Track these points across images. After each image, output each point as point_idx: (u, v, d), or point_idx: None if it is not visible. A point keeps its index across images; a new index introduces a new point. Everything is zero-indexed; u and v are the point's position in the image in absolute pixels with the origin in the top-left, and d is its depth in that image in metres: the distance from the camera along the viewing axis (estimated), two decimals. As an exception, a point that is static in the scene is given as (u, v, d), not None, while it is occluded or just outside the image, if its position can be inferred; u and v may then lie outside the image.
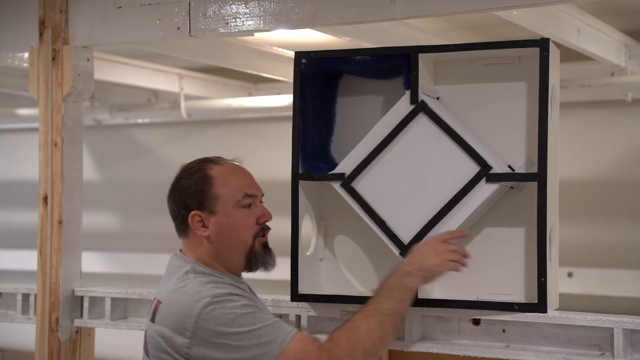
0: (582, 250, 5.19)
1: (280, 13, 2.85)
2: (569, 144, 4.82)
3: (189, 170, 2.31)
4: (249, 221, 2.28)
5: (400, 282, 2.28)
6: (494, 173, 2.49)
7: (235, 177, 2.30)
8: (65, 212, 3.18)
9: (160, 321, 2.20)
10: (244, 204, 2.28)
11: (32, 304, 3.31)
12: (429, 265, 2.31)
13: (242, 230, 2.27)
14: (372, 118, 2.68)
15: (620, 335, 2.40)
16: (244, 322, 2.12)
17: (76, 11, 3.19)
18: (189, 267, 2.25)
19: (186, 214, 2.28)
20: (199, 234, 2.27)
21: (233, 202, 2.27)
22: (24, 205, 6.91)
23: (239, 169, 2.35)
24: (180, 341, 2.14)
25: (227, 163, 2.34)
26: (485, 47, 2.56)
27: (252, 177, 2.35)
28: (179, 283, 2.22)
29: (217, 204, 2.26)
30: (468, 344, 2.60)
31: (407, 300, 2.28)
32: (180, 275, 2.24)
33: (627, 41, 4.55)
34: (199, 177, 2.28)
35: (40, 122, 3.22)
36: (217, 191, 2.26)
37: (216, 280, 2.23)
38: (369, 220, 2.60)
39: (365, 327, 2.20)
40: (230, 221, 2.26)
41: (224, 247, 2.27)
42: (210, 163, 2.31)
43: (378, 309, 2.24)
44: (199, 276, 2.23)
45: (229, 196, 2.27)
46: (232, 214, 2.27)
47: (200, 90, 5.86)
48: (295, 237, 2.65)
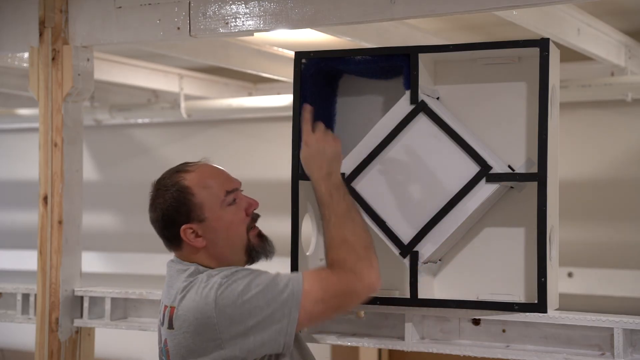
0: (582, 250, 5.19)
1: (280, 13, 2.85)
2: (569, 144, 4.82)
3: (164, 187, 2.30)
4: (239, 216, 2.29)
5: (330, 185, 2.35)
6: (494, 173, 2.49)
7: (210, 179, 2.30)
8: (65, 212, 3.18)
9: (180, 325, 2.19)
10: (228, 202, 2.28)
11: (32, 304, 3.31)
12: (327, 154, 2.39)
13: (236, 227, 2.29)
14: (372, 118, 2.68)
15: (620, 335, 2.40)
16: (259, 282, 2.16)
17: (76, 11, 3.19)
18: (193, 268, 2.26)
19: (176, 230, 2.26)
20: (195, 245, 2.27)
21: (218, 203, 2.27)
22: (24, 205, 6.91)
23: (211, 169, 2.34)
24: (209, 332, 2.14)
25: (197, 168, 2.32)
26: (485, 47, 2.56)
27: (225, 172, 2.35)
28: (186, 282, 2.23)
29: (203, 211, 2.25)
30: (468, 344, 2.60)
31: (346, 193, 2.36)
32: (185, 277, 2.24)
33: (627, 41, 4.55)
34: (175, 192, 2.27)
35: (40, 122, 3.22)
36: (199, 199, 2.25)
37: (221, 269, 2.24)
38: (369, 220, 2.60)
39: (347, 232, 2.28)
40: (222, 223, 2.27)
41: (223, 249, 2.28)
42: (181, 173, 2.30)
43: (339, 213, 2.30)
44: (205, 270, 2.24)
45: (212, 199, 2.26)
46: (222, 215, 2.27)
47: (200, 90, 5.86)
48: (295, 237, 2.65)
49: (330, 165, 2.38)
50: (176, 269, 2.29)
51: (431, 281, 2.64)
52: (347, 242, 2.26)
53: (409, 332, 2.62)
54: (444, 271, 2.66)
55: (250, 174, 6.07)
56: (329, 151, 2.41)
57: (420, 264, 2.54)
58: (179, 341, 2.19)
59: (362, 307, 2.68)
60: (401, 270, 2.65)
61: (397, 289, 2.70)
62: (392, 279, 2.71)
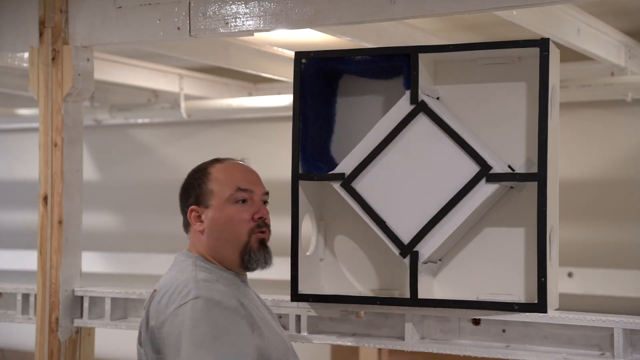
0: (582, 250, 5.19)
1: (280, 13, 2.85)
2: (569, 144, 4.82)
3: (195, 169, 2.36)
4: (243, 216, 2.28)
5: None
6: (494, 173, 2.49)
7: (231, 172, 2.32)
8: (65, 212, 3.18)
9: (153, 305, 2.20)
10: (237, 198, 2.28)
11: (32, 304, 3.31)
12: None
13: (235, 224, 2.27)
14: (372, 118, 2.68)
15: (620, 335, 2.41)
16: (203, 342, 2.06)
17: (76, 11, 3.19)
18: (191, 261, 2.27)
19: (186, 209, 2.32)
20: (195, 228, 2.30)
21: (226, 196, 2.27)
22: (24, 205, 6.91)
23: (240, 166, 2.36)
24: (156, 346, 2.15)
25: (230, 161, 2.36)
26: (485, 47, 2.56)
27: (252, 175, 2.35)
28: (176, 269, 2.25)
29: (211, 198, 2.28)
30: (468, 344, 2.60)
31: None
32: (181, 267, 2.26)
33: (627, 41, 4.55)
34: (199, 175, 2.32)
35: (40, 122, 3.22)
36: (211, 186, 2.29)
37: (209, 282, 2.19)
38: (369, 220, 2.60)
39: None
40: (222, 215, 2.27)
41: (218, 241, 2.28)
42: (215, 162, 2.35)
43: None
44: (199, 269, 2.24)
45: (221, 190, 2.28)
46: (225, 208, 2.27)
47: (200, 90, 5.86)
48: (295, 237, 2.65)
49: None
50: (179, 259, 2.31)
51: (431, 281, 2.64)
52: None
53: (409, 332, 2.62)
54: (444, 271, 2.66)
55: (250, 174, 6.06)
56: None
57: (420, 264, 2.54)
58: (144, 323, 2.24)
59: (362, 307, 2.68)
60: (401, 270, 2.65)
61: (397, 289, 2.70)
62: (392, 279, 2.71)
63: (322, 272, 2.77)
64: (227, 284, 2.23)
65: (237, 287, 2.26)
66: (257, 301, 2.35)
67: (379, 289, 2.73)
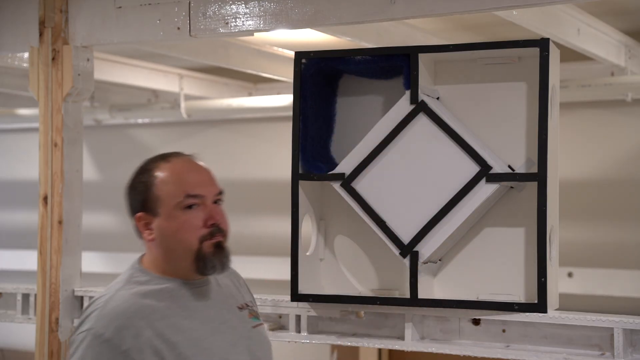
0: (582, 250, 5.19)
1: (280, 13, 2.85)
2: (569, 144, 4.82)
3: (141, 169, 2.17)
4: (193, 223, 2.09)
5: None
6: (494, 173, 2.49)
7: (178, 175, 2.11)
8: (65, 212, 3.18)
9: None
10: (185, 205, 2.08)
11: (32, 304, 3.31)
12: None
13: (185, 233, 2.09)
14: (372, 118, 2.68)
15: (620, 335, 2.40)
16: None
17: (76, 11, 3.19)
18: (128, 274, 2.16)
19: (133, 214, 2.15)
20: (145, 237, 2.13)
21: (174, 203, 2.09)
22: (24, 205, 6.91)
23: (188, 166, 2.15)
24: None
25: (177, 161, 2.15)
26: (485, 47, 2.56)
27: (202, 175, 2.14)
28: (107, 289, 2.15)
29: (158, 205, 2.10)
30: (468, 344, 2.60)
31: None
32: (115, 283, 2.15)
33: (627, 41, 4.55)
34: (145, 177, 2.14)
35: (40, 122, 3.22)
36: (158, 192, 2.10)
37: (125, 303, 2.06)
38: (369, 220, 2.60)
39: None
40: (171, 224, 2.09)
41: (169, 251, 2.11)
42: (161, 161, 2.15)
43: None
44: (129, 284, 2.12)
45: (169, 197, 2.09)
46: (174, 216, 2.09)
47: (200, 90, 5.86)
48: (295, 237, 2.65)
49: None
50: (120, 277, 2.19)
51: (431, 281, 2.64)
52: None
53: (409, 332, 2.62)
54: (444, 271, 2.66)
55: (250, 174, 6.07)
56: None
57: (420, 264, 2.54)
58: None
59: (362, 307, 2.68)
60: (401, 270, 2.65)
61: (397, 289, 2.70)
62: (392, 279, 2.71)
63: (322, 272, 2.77)
64: (162, 299, 2.07)
65: (177, 300, 2.09)
66: (211, 309, 2.15)
67: (379, 289, 2.73)
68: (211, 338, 2.09)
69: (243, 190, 5.87)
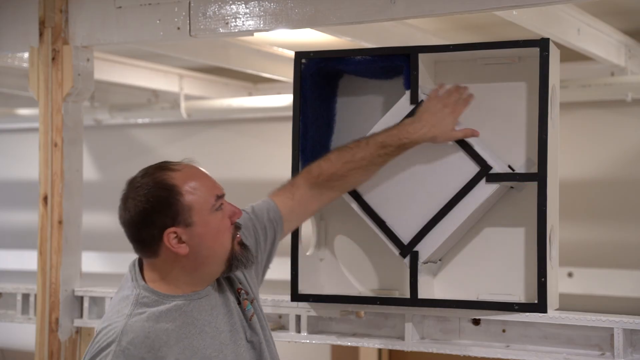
0: (582, 250, 5.19)
1: (280, 13, 2.85)
2: (569, 144, 4.82)
3: (144, 185, 2.05)
4: (225, 223, 2.08)
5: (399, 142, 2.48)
6: (494, 173, 2.49)
7: (200, 180, 2.07)
8: (65, 212, 3.18)
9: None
10: (217, 207, 2.06)
11: (32, 304, 3.31)
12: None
13: (222, 234, 2.07)
14: (372, 118, 2.68)
15: (620, 335, 2.40)
16: None
17: (76, 11, 3.19)
18: (134, 296, 2.06)
19: (158, 233, 2.02)
20: (177, 252, 2.03)
21: (208, 207, 2.05)
22: (24, 205, 6.91)
23: (198, 171, 2.11)
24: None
25: (183, 167, 2.09)
26: (485, 47, 2.56)
27: (210, 176, 2.13)
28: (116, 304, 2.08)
29: (192, 214, 2.02)
30: (468, 344, 2.60)
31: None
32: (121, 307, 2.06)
33: (627, 41, 4.55)
34: (158, 190, 2.03)
35: (40, 122, 3.22)
36: (188, 201, 2.02)
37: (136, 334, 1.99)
38: (369, 221, 2.60)
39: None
40: (209, 229, 2.05)
41: (206, 258, 2.06)
42: (166, 171, 2.07)
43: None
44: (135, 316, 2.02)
45: (202, 203, 2.04)
46: (210, 221, 2.05)
47: (200, 90, 5.86)
48: (295, 237, 2.65)
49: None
50: (127, 285, 2.11)
51: (431, 281, 2.64)
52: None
53: (409, 332, 2.62)
54: (444, 271, 2.66)
55: (250, 174, 6.07)
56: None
57: (420, 264, 2.54)
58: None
59: (362, 307, 2.68)
60: (401, 270, 2.65)
61: (397, 289, 2.70)
62: (392, 279, 2.71)
63: (322, 272, 2.77)
64: (174, 318, 2.03)
65: (187, 316, 2.05)
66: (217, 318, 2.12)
67: (379, 289, 2.73)
68: (221, 355, 2.07)
69: (243, 190, 5.87)
